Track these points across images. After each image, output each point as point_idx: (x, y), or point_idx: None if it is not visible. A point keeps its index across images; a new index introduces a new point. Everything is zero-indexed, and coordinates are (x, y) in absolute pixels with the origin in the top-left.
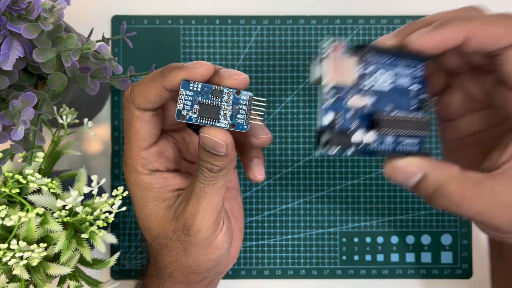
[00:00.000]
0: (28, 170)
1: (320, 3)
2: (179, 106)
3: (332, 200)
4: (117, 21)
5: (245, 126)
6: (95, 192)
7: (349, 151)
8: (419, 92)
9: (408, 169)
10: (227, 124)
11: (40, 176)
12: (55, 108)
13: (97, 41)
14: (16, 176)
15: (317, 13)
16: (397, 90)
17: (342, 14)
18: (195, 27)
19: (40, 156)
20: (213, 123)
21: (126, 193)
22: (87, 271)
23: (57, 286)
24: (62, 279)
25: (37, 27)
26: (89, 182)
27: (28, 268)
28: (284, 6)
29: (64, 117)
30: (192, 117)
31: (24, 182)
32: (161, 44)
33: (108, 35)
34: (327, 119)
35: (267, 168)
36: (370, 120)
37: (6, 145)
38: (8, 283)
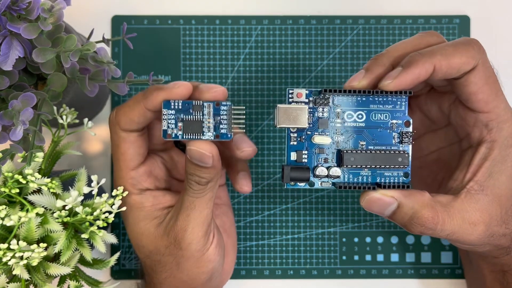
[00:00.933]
0: (28, 170)
1: (320, 3)
2: (164, 126)
3: (332, 200)
4: (117, 21)
5: (229, 135)
6: (95, 192)
7: (317, 184)
8: (400, 126)
9: (383, 200)
10: (212, 136)
11: (40, 176)
12: (55, 108)
13: (97, 42)
14: (16, 176)
15: (317, 13)
16: (377, 125)
17: (342, 14)
18: (195, 27)
19: (39, 156)
20: (198, 137)
21: (126, 193)
22: (87, 271)
23: (57, 286)
24: (62, 279)
25: (36, 27)
26: (89, 182)
27: (28, 268)
28: (284, 6)
29: (64, 117)
30: (177, 135)
31: (24, 182)
32: (161, 44)
33: (108, 35)
34: (291, 156)
35: (267, 168)
36: (339, 156)
37: (6, 145)
38: (8, 283)
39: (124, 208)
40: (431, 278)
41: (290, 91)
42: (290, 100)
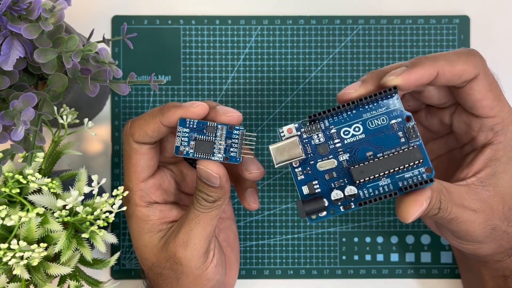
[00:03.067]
0: (28, 170)
1: (320, 3)
2: (177, 143)
3: None
4: (117, 21)
5: (238, 159)
6: (95, 192)
7: (340, 209)
8: (402, 123)
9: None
10: (221, 158)
11: (40, 176)
12: (55, 108)
13: (98, 42)
14: (17, 176)
15: (317, 13)
16: (377, 131)
17: (342, 14)
18: (195, 27)
19: (40, 156)
20: (208, 157)
21: (126, 193)
22: (87, 271)
23: (58, 286)
24: (63, 279)
25: (37, 27)
26: (90, 182)
27: (29, 268)
28: (284, 6)
29: (64, 117)
30: (189, 152)
31: (25, 182)
32: (161, 44)
33: (108, 35)
34: (303, 191)
35: (267, 168)
36: (349, 173)
37: (6, 145)
38: (8, 283)
39: (124, 208)
40: (430, 278)
41: (280, 130)
42: (283, 138)
